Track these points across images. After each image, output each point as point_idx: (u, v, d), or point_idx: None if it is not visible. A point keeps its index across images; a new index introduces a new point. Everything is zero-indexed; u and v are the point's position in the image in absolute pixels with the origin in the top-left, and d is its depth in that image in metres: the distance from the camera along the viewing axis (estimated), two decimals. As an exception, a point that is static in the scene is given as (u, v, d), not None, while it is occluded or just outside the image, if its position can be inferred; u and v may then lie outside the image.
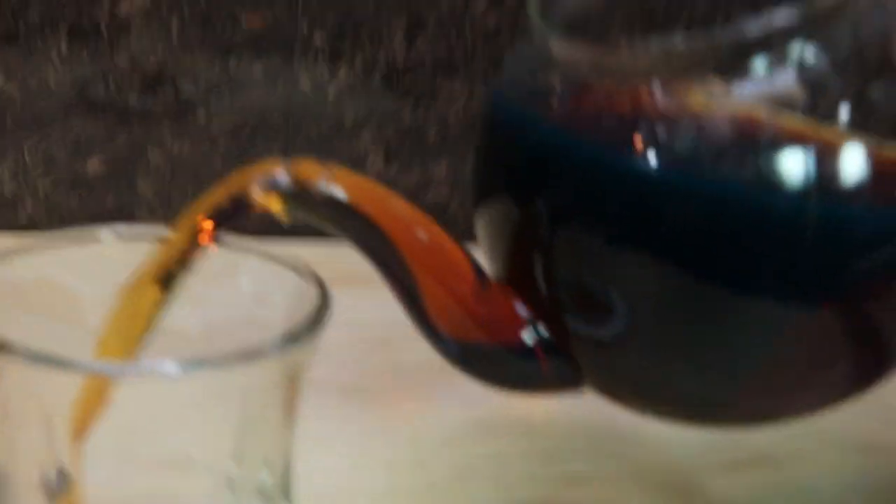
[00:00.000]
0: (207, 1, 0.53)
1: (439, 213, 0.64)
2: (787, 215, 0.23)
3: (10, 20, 0.51)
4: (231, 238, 0.24)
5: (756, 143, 0.23)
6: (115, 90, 0.54)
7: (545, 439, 0.40)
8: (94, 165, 0.55)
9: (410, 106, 0.58)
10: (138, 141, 0.55)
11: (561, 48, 0.25)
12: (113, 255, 0.25)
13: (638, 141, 0.24)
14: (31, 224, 0.55)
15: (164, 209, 0.56)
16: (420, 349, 0.45)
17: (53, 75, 0.53)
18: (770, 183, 0.23)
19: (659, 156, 0.23)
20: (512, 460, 0.38)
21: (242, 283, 0.24)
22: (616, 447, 0.40)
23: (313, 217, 0.24)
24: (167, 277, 0.23)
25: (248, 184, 0.24)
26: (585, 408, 0.43)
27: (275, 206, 0.24)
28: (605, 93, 0.25)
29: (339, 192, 0.24)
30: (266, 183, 0.24)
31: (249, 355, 0.20)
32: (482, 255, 0.29)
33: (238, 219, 0.24)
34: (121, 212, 0.56)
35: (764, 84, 0.24)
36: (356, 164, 0.58)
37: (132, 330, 0.23)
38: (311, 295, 0.22)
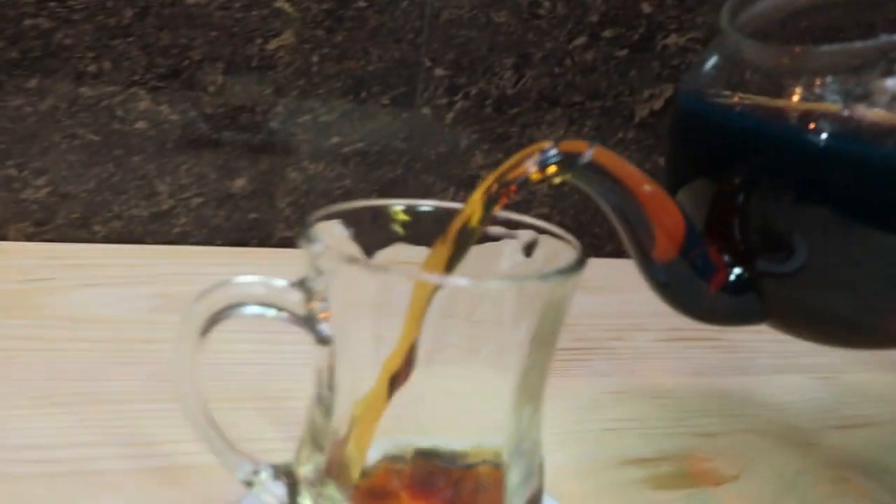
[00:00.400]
0: (343, 38, 0.60)
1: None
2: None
3: (176, 58, 0.58)
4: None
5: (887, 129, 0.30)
6: (260, 117, 0.61)
7: (674, 404, 0.46)
8: (239, 184, 0.62)
9: (517, 131, 0.65)
10: (279, 162, 0.62)
11: (751, 50, 0.32)
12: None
13: (813, 126, 0.31)
14: (183, 236, 0.62)
15: (299, 224, 0.63)
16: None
17: (209, 104, 0.60)
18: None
19: (829, 138, 0.30)
20: (650, 419, 0.44)
21: (518, 240, 0.31)
22: (737, 408, 0.46)
23: (575, 179, 0.31)
24: (468, 231, 0.30)
25: (525, 158, 0.30)
26: (704, 376, 0.50)
27: (549, 173, 0.30)
28: (788, 90, 0.32)
29: (594, 159, 0.31)
30: (540, 157, 0.30)
31: (524, 278, 0.27)
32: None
33: (519, 186, 0.30)
34: (262, 226, 0.63)
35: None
36: (469, 182, 0.65)
37: (446, 260, 0.29)
38: (568, 254, 0.28)
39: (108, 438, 0.37)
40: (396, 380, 0.27)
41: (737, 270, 0.32)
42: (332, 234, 0.28)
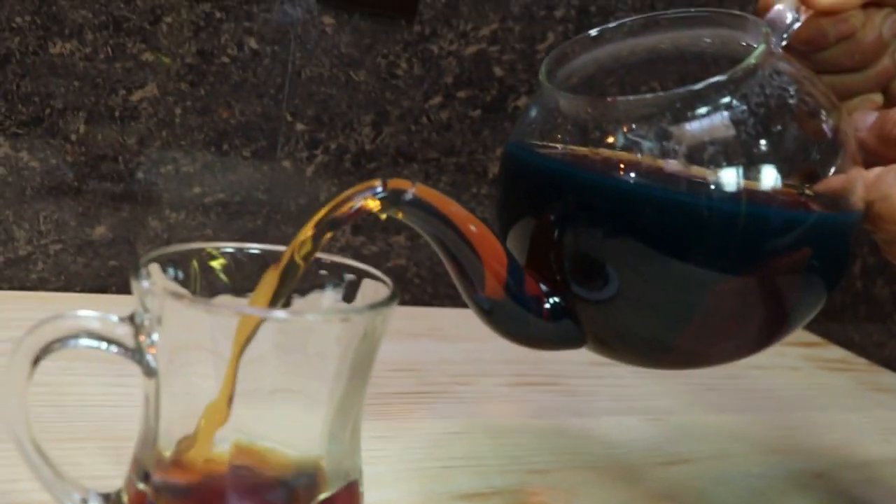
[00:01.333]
0: (206, 92, 0.62)
1: (399, 278, 0.75)
2: (698, 216, 0.33)
3: (37, 106, 0.59)
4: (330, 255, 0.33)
5: (681, 176, 0.33)
6: (123, 166, 0.62)
7: (511, 444, 0.49)
8: (100, 231, 0.63)
9: (375, 185, 0.67)
10: (141, 211, 0.63)
11: (562, 100, 0.35)
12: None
13: (614, 170, 0.34)
14: (41, 282, 0.62)
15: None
16: (402, 383, 0.54)
17: (71, 153, 0.61)
18: (693, 197, 0.33)
19: (627, 180, 0.33)
20: (487, 457, 0.47)
21: (342, 277, 0.33)
22: (571, 446, 0.49)
23: (404, 217, 0.33)
24: (294, 264, 0.32)
25: (354, 195, 0.32)
26: (543, 418, 0.52)
27: (374, 208, 0.32)
28: (594, 137, 0.35)
29: (418, 195, 0.33)
30: (368, 193, 0.32)
31: (346, 310, 0.29)
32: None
33: (347, 221, 0.32)
34: (121, 274, 0.64)
35: (704, 123, 0.33)
36: (328, 234, 0.67)
37: (271, 294, 0.31)
38: (384, 290, 0.31)
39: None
40: (223, 411, 0.29)
41: (554, 300, 0.35)
42: (161, 275, 0.30)
